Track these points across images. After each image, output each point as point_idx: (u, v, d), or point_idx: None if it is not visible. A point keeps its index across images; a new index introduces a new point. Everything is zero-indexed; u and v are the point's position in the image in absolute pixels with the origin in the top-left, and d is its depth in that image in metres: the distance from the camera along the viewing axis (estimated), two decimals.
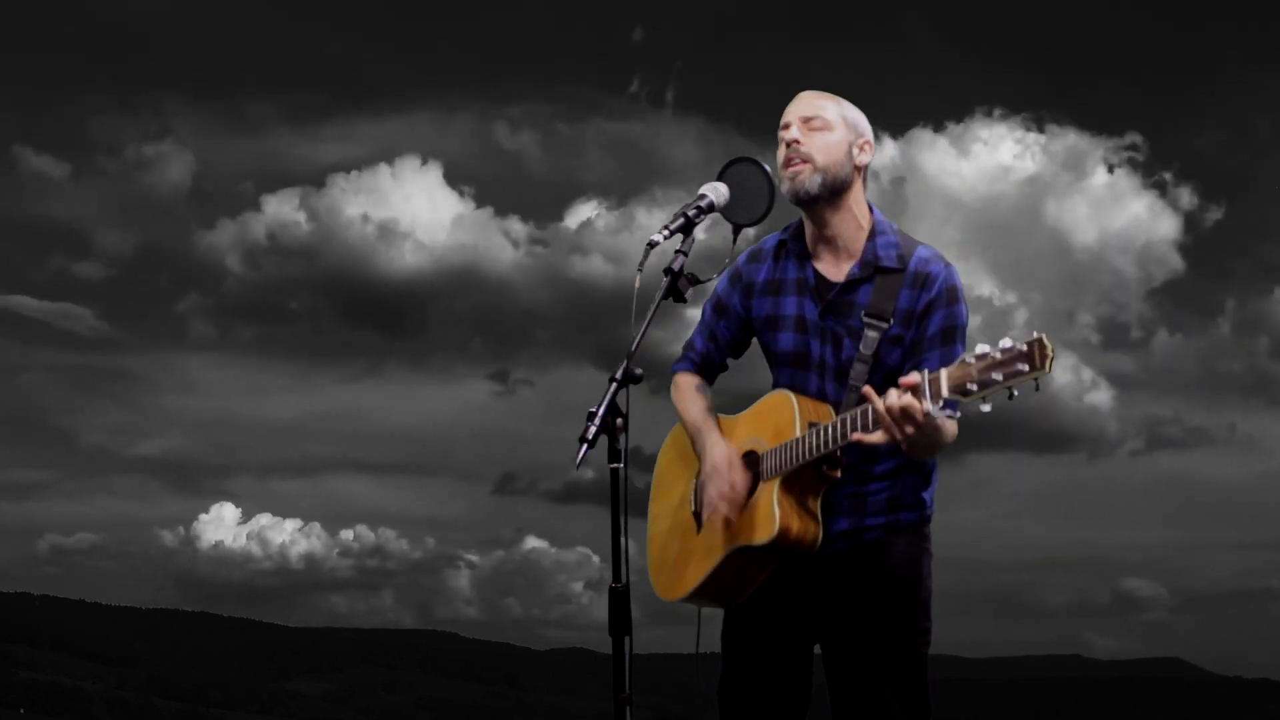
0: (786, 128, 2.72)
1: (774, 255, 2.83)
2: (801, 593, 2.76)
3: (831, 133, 2.70)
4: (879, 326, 2.64)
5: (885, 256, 2.69)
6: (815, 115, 2.71)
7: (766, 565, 2.71)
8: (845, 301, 2.70)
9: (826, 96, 2.77)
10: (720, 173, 2.68)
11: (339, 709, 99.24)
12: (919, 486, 2.77)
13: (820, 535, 2.63)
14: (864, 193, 2.77)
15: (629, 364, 2.40)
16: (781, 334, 2.78)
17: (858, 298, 2.69)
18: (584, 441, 2.30)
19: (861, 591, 2.71)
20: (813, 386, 2.73)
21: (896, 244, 2.71)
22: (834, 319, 2.71)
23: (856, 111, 2.76)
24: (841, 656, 2.73)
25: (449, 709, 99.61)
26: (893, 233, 2.74)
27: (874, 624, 2.70)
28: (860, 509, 2.72)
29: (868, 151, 2.75)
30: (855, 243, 2.73)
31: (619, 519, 2.35)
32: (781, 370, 2.79)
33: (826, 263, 2.75)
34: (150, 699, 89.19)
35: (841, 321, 2.70)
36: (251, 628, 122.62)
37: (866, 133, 2.76)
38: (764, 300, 2.82)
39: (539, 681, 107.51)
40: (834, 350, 2.71)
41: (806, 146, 2.68)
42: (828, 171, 2.68)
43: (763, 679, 2.79)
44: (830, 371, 2.71)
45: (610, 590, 2.35)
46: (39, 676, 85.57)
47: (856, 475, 2.70)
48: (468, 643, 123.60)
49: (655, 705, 75.88)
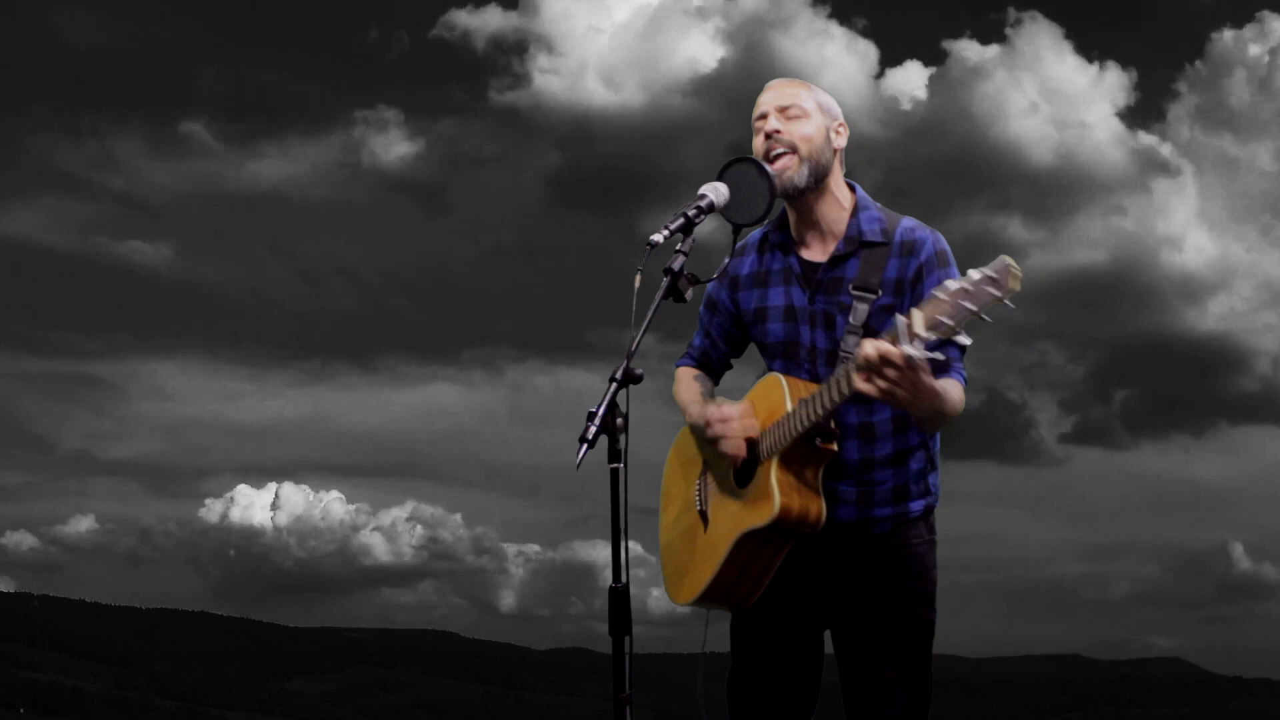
0: (764, 118, 2.74)
1: (758, 248, 2.86)
2: (810, 584, 2.76)
3: (809, 120, 2.73)
4: (867, 298, 2.66)
5: (869, 231, 2.72)
6: (791, 104, 2.74)
7: (777, 552, 2.70)
8: (833, 279, 2.72)
9: (798, 83, 2.79)
10: (720, 172, 2.68)
11: (339, 709, 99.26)
12: (924, 472, 2.78)
13: (824, 511, 2.63)
14: (842, 174, 2.79)
15: (629, 364, 2.40)
16: (770, 325, 2.80)
17: (845, 273, 2.71)
18: (584, 441, 2.29)
19: (870, 584, 2.72)
20: (805, 374, 2.75)
21: (880, 219, 2.74)
22: (824, 298, 2.73)
23: (827, 96, 2.79)
24: (850, 646, 2.75)
25: (449, 709, 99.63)
26: (876, 209, 2.77)
27: (881, 616, 2.71)
28: (867, 500, 2.73)
29: (843, 134, 2.78)
30: (839, 223, 2.75)
31: (619, 519, 2.35)
32: (774, 361, 2.82)
33: (812, 248, 2.78)
34: (150, 699, 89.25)
35: (832, 300, 2.72)
36: (251, 628, 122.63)
37: (839, 115, 2.79)
38: (750, 293, 2.85)
39: (539, 681, 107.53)
40: (825, 332, 2.72)
41: (787, 135, 2.70)
42: (812, 160, 2.71)
43: (772, 672, 2.80)
44: (822, 355, 2.73)
45: (610, 590, 2.35)
46: (39, 676, 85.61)
47: (861, 464, 2.71)
48: (468, 643, 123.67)
49: (655, 705, 75.93)
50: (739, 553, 2.70)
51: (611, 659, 2.34)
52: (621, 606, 2.34)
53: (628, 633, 2.33)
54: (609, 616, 2.34)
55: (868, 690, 2.72)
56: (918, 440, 2.75)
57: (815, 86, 2.80)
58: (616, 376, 2.38)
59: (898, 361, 2.34)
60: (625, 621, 2.33)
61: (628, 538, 2.35)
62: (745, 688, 2.83)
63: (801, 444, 2.62)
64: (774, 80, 2.81)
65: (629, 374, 2.39)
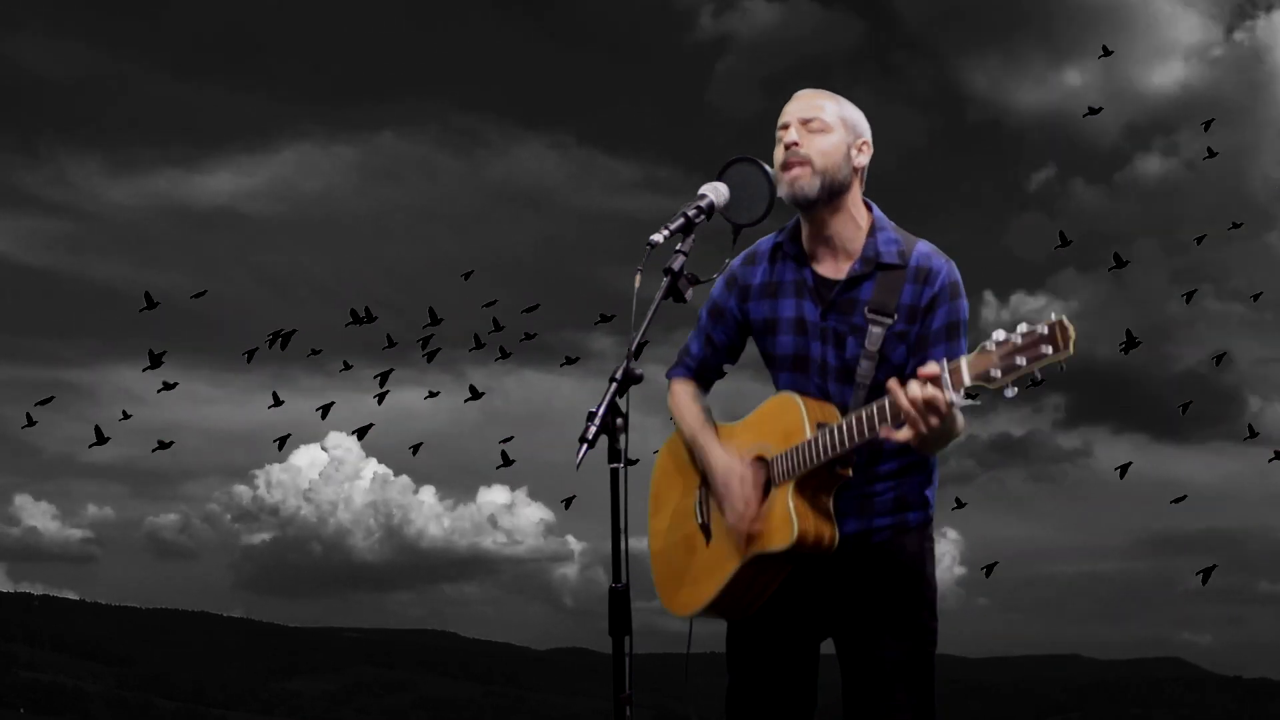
0: (785, 128, 2.70)
1: (770, 258, 2.81)
2: (808, 596, 2.75)
3: (830, 135, 2.69)
4: (883, 322, 2.63)
5: (886, 253, 2.68)
6: (814, 117, 2.69)
7: (781, 571, 2.69)
8: (848, 299, 2.69)
9: (826, 95, 2.75)
10: (720, 172, 2.67)
11: (339, 709, 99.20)
12: (923, 485, 2.77)
13: (836, 536, 2.62)
14: (861, 192, 2.76)
15: (629, 364, 2.39)
16: (781, 337, 2.77)
17: (860, 294, 2.68)
18: (584, 442, 2.29)
19: (871, 593, 2.71)
20: (814, 388, 2.72)
21: (897, 241, 2.71)
22: (837, 317, 2.70)
23: (855, 110, 2.75)
24: (853, 656, 2.74)
25: (449, 709, 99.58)
26: (892, 229, 2.73)
27: (883, 625, 2.70)
28: (868, 510, 2.72)
29: (865, 152, 2.74)
30: (854, 242, 2.72)
31: (619, 519, 2.35)
32: (781, 374, 2.78)
33: (825, 264, 2.74)
34: (150, 699, 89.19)
35: (845, 320, 2.69)
36: (251, 628, 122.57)
37: (865, 133, 2.75)
38: (761, 303, 2.80)
39: (539, 681, 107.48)
40: (836, 350, 2.70)
41: (805, 149, 2.67)
42: (826, 174, 2.67)
43: (773, 685, 2.78)
44: (832, 372, 2.70)
45: (610, 590, 2.34)
46: (39, 676, 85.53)
47: (862, 476, 2.69)
48: (468, 643, 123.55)
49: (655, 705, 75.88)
50: (746, 572, 2.68)
51: (612, 659, 2.33)
52: (621, 606, 2.33)
53: (628, 633, 2.33)
54: (609, 616, 2.34)
55: (873, 700, 2.70)
56: (918, 455, 2.73)
57: (843, 99, 2.75)
58: (617, 377, 2.37)
59: (942, 410, 2.34)
60: (625, 621, 2.33)
61: (627, 538, 2.36)
62: (746, 702, 2.81)
63: (820, 471, 2.61)
64: (802, 90, 2.76)
65: (629, 374, 2.39)
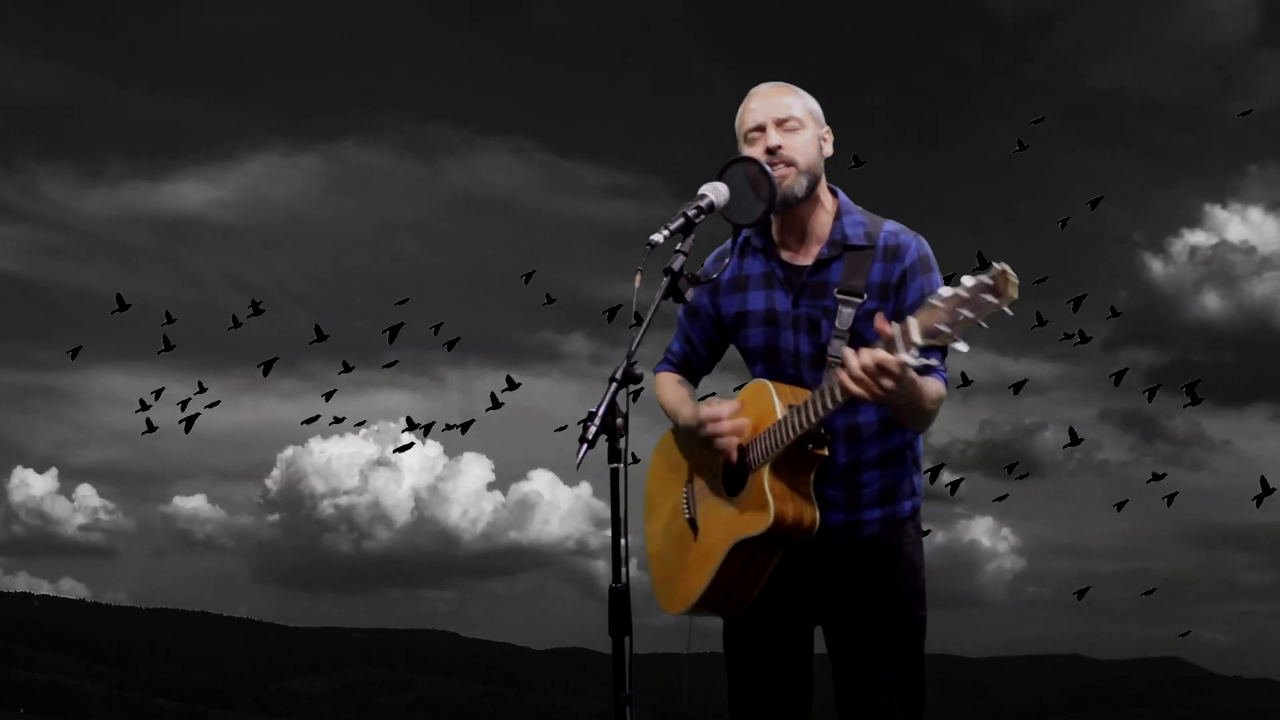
0: (761, 130, 2.72)
1: (739, 253, 2.85)
2: (801, 588, 2.77)
3: (804, 131, 2.73)
4: (853, 302, 2.67)
5: (853, 235, 2.72)
6: (788, 116, 2.72)
7: (770, 558, 2.70)
8: (817, 282, 2.73)
9: (787, 89, 2.77)
10: (720, 172, 2.68)
11: (339, 709, 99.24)
12: (910, 473, 2.80)
13: (818, 518, 2.64)
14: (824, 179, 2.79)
15: (629, 364, 2.40)
16: (751, 329, 2.80)
17: (829, 277, 2.72)
18: (584, 442, 2.29)
19: (861, 586, 2.73)
20: (788, 378, 2.75)
21: (863, 222, 2.74)
22: (808, 302, 2.73)
23: (812, 99, 2.78)
24: (844, 647, 2.75)
25: (449, 709, 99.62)
26: (859, 213, 2.77)
27: (874, 617, 2.72)
28: (855, 502, 2.74)
29: (829, 140, 2.78)
30: (822, 227, 2.76)
31: (619, 519, 2.35)
32: (756, 366, 2.82)
33: (793, 252, 2.78)
34: (150, 699, 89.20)
35: (816, 303, 2.72)
36: (251, 628, 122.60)
37: (824, 121, 2.78)
38: (730, 298, 2.84)
39: (539, 681, 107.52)
40: (810, 336, 2.73)
41: (789, 150, 2.70)
42: (810, 172, 2.72)
43: (771, 680, 2.80)
44: (806, 360, 2.73)
45: (610, 590, 2.34)
46: (39, 676, 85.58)
47: (847, 467, 2.72)
48: (468, 643, 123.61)
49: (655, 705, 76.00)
50: (732, 561, 2.69)
51: (612, 659, 2.34)
52: (621, 606, 2.34)
53: (628, 633, 2.33)
54: (609, 616, 2.34)
55: (864, 691, 2.72)
56: (902, 442, 2.76)
57: (800, 90, 2.78)
58: (617, 376, 2.38)
59: (894, 370, 2.36)
60: (625, 621, 2.33)
61: (627, 537, 2.36)
62: (746, 699, 2.83)
63: (793, 450, 2.62)
64: (760, 87, 2.78)
65: (629, 374, 2.39)
